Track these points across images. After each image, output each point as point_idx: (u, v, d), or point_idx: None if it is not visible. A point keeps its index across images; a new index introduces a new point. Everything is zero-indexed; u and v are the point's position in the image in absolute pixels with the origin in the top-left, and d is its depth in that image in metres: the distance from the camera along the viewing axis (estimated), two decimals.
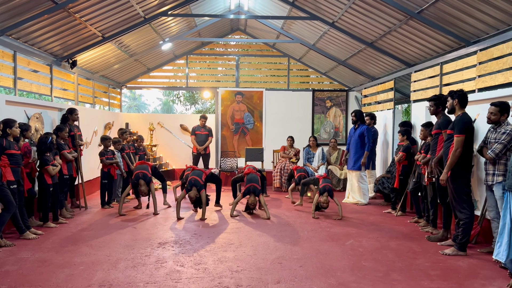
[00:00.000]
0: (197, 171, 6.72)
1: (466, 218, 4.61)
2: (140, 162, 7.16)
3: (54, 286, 3.63)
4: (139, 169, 6.72)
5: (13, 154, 4.92)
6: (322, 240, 5.23)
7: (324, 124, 11.05)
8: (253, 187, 6.42)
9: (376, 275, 4.01)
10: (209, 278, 3.88)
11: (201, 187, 6.34)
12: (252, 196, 6.43)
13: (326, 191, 6.45)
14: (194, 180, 6.34)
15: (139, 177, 6.56)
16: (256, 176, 6.67)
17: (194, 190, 6.29)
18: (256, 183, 6.49)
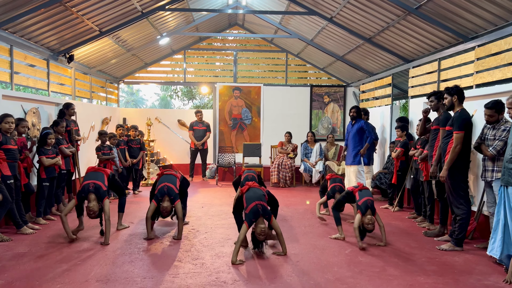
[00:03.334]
0: (169, 176, 5.25)
1: (463, 214, 4.63)
2: (92, 168, 5.23)
3: (51, 281, 3.63)
4: (91, 179, 4.87)
5: (10, 149, 4.90)
6: (319, 236, 5.25)
7: (321, 119, 11.04)
8: (261, 207, 4.32)
9: (373, 270, 4.03)
10: (207, 273, 3.88)
11: (176, 196, 4.99)
12: (260, 222, 4.29)
13: (369, 208, 4.74)
14: (167, 188, 4.99)
15: (88, 190, 4.77)
16: (260, 191, 4.61)
17: (167, 201, 4.96)
18: (262, 200, 4.43)
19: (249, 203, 4.36)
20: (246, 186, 4.71)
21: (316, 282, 3.66)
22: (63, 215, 4.75)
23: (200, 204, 7.21)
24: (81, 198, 4.79)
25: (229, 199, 7.72)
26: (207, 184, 9.68)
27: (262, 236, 4.26)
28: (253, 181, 5.72)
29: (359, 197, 4.91)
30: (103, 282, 3.65)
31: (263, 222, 4.29)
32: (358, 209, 4.82)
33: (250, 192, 4.56)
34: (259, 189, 4.65)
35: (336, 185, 5.91)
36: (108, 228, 4.73)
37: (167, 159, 11.06)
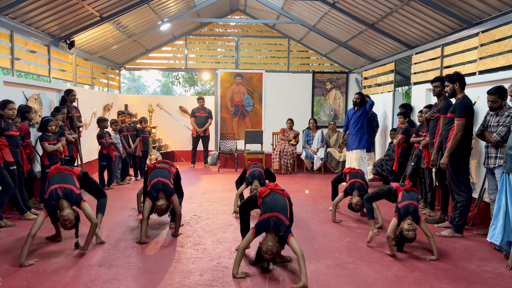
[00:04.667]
0: (161, 170, 4.65)
1: (463, 200, 4.65)
2: (56, 169, 4.14)
3: (54, 266, 3.67)
4: (56, 182, 3.96)
5: (12, 135, 4.91)
6: (320, 222, 5.28)
7: (323, 106, 11.01)
8: (275, 220, 3.48)
9: (373, 256, 4.06)
10: (208, 259, 3.93)
11: (172, 192, 4.49)
12: (269, 238, 3.47)
13: (409, 214, 3.97)
14: (161, 184, 4.44)
15: (58, 197, 3.88)
16: (282, 201, 3.64)
17: (163, 199, 4.44)
18: (281, 213, 3.52)
19: (265, 211, 3.51)
20: (267, 189, 3.72)
21: (317, 268, 3.70)
22: (32, 233, 3.69)
23: (202, 190, 7.25)
24: (51, 207, 3.86)
25: (231, 186, 7.75)
26: (208, 170, 9.71)
27: (269, 255, 3.45)
28: (260, 178, 5.54)
29: (401, 198, 4.10)
30: (105, 266, 3.69)
31: (273, 239, 3.44)
32: (396, 212, 4.07)
33: (271, 198, 3.62)
34: (283, 196, 3.68)
35: (356, 181, 5.21)
36: (92, 234, 3.98)
37: (169, 146, 11.08)
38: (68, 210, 3.86)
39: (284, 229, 3.44)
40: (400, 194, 4.17)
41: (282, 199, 3.65)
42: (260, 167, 5.70)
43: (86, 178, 4.31)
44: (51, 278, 3.41)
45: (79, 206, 3.96)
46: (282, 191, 3.76)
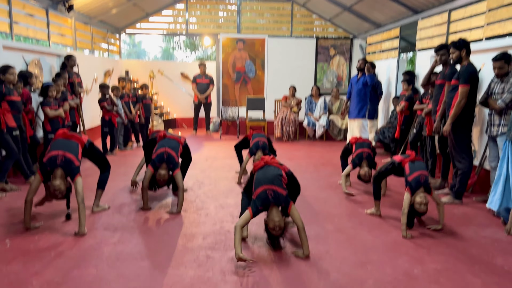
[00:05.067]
0: (171, 140, 4.48)
1: (464, 168, 4.67)
2: (64, 134, 3.98)
3: (60, 228, 3.76)
4: (60, 148, 3.76)
5: (13, 100, 4.90)
6: (321, 188, 5.34)
7: (327, 73, 10.88)
8: (272, 193, 3.25)
9: (372, 221, 4.13)
10: (211, 223, 4.00)
11: (176, 165, 4.33)
12: (274, 214, 3.23)
13: (421, 186, 3.79)
14: (167, 155, 4.29)
15: (55, 164, 3.67)
16: (274, 171, 3.43)
17: (164, 169, 4.29)
18: (275, 184, 3.28)
19: (257, 186, 3.29)
20: (262, 162, 3.54)
21: (317, 233, 3.77)
22: (28, 199, 3.63)
23: (204, 157, 7.29)
24: (47, 173, 3.66)
25: (233, 153, 7.77)
26: (210, 137, 9.74)
27: (277, 231, 3.21)
28: (264, 148, 5.40)
29: (409, 170, 3.89)
30: (110, 230, 3.78)
31: (277, 213, 3.20)
32: (407, 186, 3.84)
33: (261, 172, 3.43)
34: (276, 167, 3.47)
35: (363, 151, 5.02)
36: (83, 214, 3.64)
37: (171, 113, 11.06)
38: (60, 181, 3.61)
39: (284, 199, 3.24)
40: (407, 167, 3.96)
41: (275, 169, 3.42)
42: (264, 137, 5.54)
43: (93, 148, 4.17)
44: (58, 241, 3.50)
45: (74, 179, 3.71)
46: (280, 165, 3.52)
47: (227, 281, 2.85)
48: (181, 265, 3.09)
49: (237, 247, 3.09)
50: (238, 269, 3.02)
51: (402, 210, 3.76)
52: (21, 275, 2.88)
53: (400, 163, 4.06)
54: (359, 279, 2.92)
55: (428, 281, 2.90)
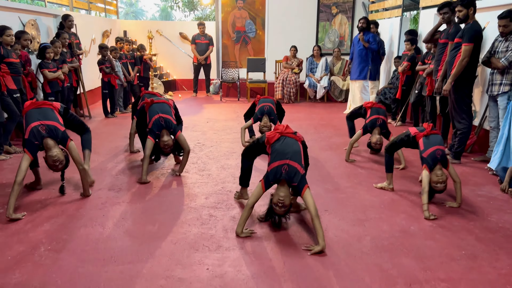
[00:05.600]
0: (161, 105, 4.26)
1: (464, 128, 4.70)
2: (33, 104, 3.55)
3: (66, 191, 3.84)
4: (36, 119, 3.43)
5: (12, 62, 4.86)
6: (321, 149, 5.39)
7: (328, 32, 10.66)
8: (287, 169, 2.92)
9: (371, 181, 4.21)
10: (213, 183, 4.08)
11: (175, 128, 4.19)
12: (282, 189, 2.93)
13: (438, 162, 3.50)
14: (163, 120, 4.10)
15: (41, 136, 3.37)
16: (295, 146, 3.11)
17: (167, 135, 4.12)
18: (294, 160, 2.96)
19: (274, 159, 2.96)
20: (276, 133, 3.14)
21: (316, 192, 3.85)
22: (18, 180, 3.25)
23: (205, 119, 7.31)
24: (34, 148, 3.37)
25: (233, 115, 7.81)
26: (211, 99, 9.71)
27: (279, 208, 2.91)
28: (270, 114, 5.13)
29: (424, 146, 3.59)
30: (115, 190, 3.86)
31: (285, 189, 2.90)
32: (423, 163, 3.54)
33: (281, 143, 3.07)
34: (295, 141, 3.14)
35: (378, 118, 4.70)
36: (85, 181, 3.62)
37: (170, 74, 10.96)
38: (57, 149, 3.40)
39: (299, 179, 2.87)
40: (421, 142, 3.63)
41: (294, 143, 3.09)
42: (270, 102, 5.25)
43: (68, 114, 3.77)
44: (64, 201, 3.59)
45: (66, 145, 3.47)
46: (294, 134, 3.20)
47: (229, 238, 2.96)
48: (184, 223, 3.19)
49: (239, 225, 2.97)
50: None
51: (422, 189, 3.45)
52: (31, 234, 2.98)
53: (414, 136, 3.72)
54: (357, 236, 3.02)
55: (424, 238, 3.00)
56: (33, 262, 2.60)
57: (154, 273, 2.49)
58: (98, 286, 2.35)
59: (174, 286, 2.37)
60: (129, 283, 2.38)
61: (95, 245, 2.83)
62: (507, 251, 2.82)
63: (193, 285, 2.38)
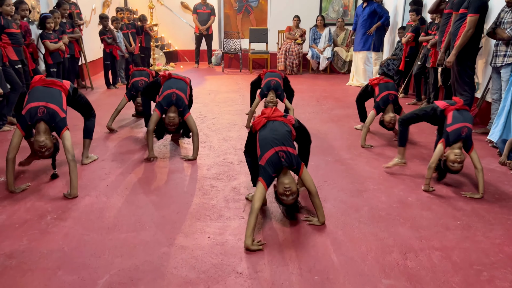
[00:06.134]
0: (178, 81, 4.02)
1: (466, 100, 4.68)
2: (42, 81, 3.32)
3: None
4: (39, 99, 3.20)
5: (13, 33, 4.83)
6: (322, 122, 5.41)
7: (332, 2, 10.45)
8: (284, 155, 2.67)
9: (371, 153, 4.25)
10: (215, 155, 4.14)
11: (185, 108, 3.92)
12: (285, 176, 2.69)
13: (460, 140, 3.27)
14: (176, 97, 3.85)
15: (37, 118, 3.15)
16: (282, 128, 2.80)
17: (174, 112, 3.88)
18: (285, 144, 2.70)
19: (265, 149, 2.68)
20: (263, 118, 2.85)
21: (316, 163, 3.90)
22: (10, 158, 3.15)
23: (207, 91, 7.30)
24: (28, 127, 3.19)
25: (235, 86, 7.79)
26: (213, 71, 9.65)
27: (288, 196, 2.65)
28: (277, 89, 4.85)
29: (452, 120, 3.29)
30: (118, 161, 3.92)
31: (288, 175, 2.69)
32: (443, 137, 3.32)
33: (267, 130, 2.78)
34: (283, 123, 2.83)
35: (389, 94, 4.38)
36: (74, 175, 3.15)
37: (172, 45, 10.85)
38: (45, 136, 3.13)
39: (296, 161, 2.70)
40: (450, 115, 3.31)
41: (281, 125, 2.80)
42: (277, 76, 4.93)
43: (77, 95, 3.60)
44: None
45: (60, 134, 3.20)
46: (284, 117, 2.88)
47: (230, 208, 3.03)
48: (186, 193, 3.26)
49: (248, 236, 2.51)
50: (240, 197, 3.19)
51: (429, 164, 3.26)
52: (37, 204, 3.06)
53: (444, 110, 3.39)
54: (355, 206, 3.09)
55: (420, 208, 3.07)
56: (40, 230, 2.68)
57: (157, 241, 2.57)
58: (103, 253, 2.44)
59: (176, 253, 2.45)
60: (133, 250, 2.47)
61: (99, 214, 2.91)
62: (501, 221, 2.88)
63: (195, 252, 2.46)
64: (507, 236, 2.70)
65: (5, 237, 2.58)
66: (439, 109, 3.43)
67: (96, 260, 2.36)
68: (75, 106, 3.68)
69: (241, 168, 3.75)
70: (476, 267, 2.36)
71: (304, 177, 2.74)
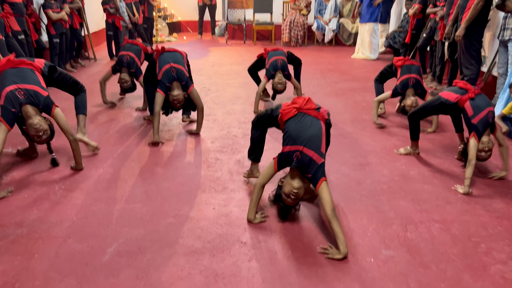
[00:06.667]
0: (174, 54, 3.78)
1: (471, 74, 4.65)
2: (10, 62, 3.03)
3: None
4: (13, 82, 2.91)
5: (14, 2, 4.78)
6: (326, 95, 5.40)
7: None
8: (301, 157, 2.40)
9: (375, 127, 4.25)
10: (219, 128, 4.16)
11: (188, 81, 3.71)
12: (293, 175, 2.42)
13: (488, 126, 3.04)
14: (175, 71, 3.62)
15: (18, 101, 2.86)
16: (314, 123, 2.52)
17: (178, 89, 3.65)
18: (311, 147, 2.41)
19: (288, 143, 2.42)
20: (293, 109, 2.53)
21: None
22: None
23: (210, 63, 7.25)
24: (11, 116, 2.83)
25: (239, 58, 7.72)
26: (216, 42, 9.54)
27: (292, 200, 2.41)
28: (284, 69, 4.54)
29: (472, 111, 3.04)
30: (123, 133, 3.96)
31: (299, 181, 2.38)
32: (472, 131, 3.04)
33: (297, 124, 2.48)
34: (316, 120, 2.51)
35: (411, 77, 4.09)
36: (77, 152, 3.11)
37: (175, 15, 10.68)
38: (38, 117, 2.88)
39: (313, 170, 2.35)
40: (468, 107, 3.06)
41: (315, 124, 2.47)
42: (281, 54, 4.64)
43: (55, 74, 3.25)
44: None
45: (50, 113, 2.96)
46: (317, 111, 2.55)
47: (234, 180, 3.08)
48: (192, 165, 3.31)
49: (251, 210, 2.53)
50: (244, 169, 3.23)
51: (468, 161, 2.99)
52: (45, 175, 3.12)
53: (456, 103, 3.14)
54: (357, 179, 3.13)
55: (422, 182, 3.11)
56: (49, 200, 2.75)
57: (163, 212, 2.64)
58: (111, 223, 2.51)
59: (182, 223, 2.52)
60: (140, 220, 2.54)
61: (106, 185, 2.98)
62: (502, 195, 2.92)
63: (200, 222, 2.53)
64: (507, 209, 2.75)
65: (15, 207, 2.65)
66: (450, 103, 3.17)
67: (104, 230, 2.44)
68: (59, 85, 3.34)
69: (245, 142, 3.78)
70: (474, 239, 2.41)
71: (321, 193, 2.32)
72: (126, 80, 4.51)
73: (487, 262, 2.21)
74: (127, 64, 4.49)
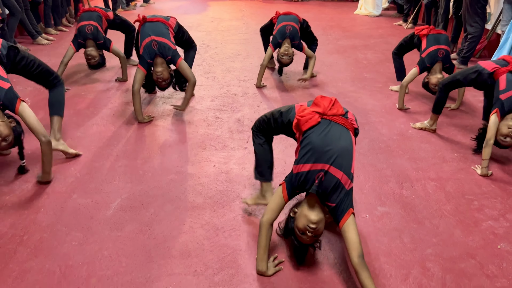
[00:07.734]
0: (155, 25, 3.30)
1: (475, 32, 4.57)
2: None
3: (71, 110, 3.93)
4: None
5: None
6: (328, 53, 5.33)
7: None
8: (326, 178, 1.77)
9: (376, 85, 4.25)
10: (218, 86, 4.14)
11: (174, 55, 3.22)
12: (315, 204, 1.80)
13: None
14: (156, 45, 3.18)
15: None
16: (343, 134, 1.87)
17: (161, 65, 3.21)
18: (339, 166, 1.77)
19: (306, 160, 1.81)
20: (315, 115, 1.90)
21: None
22: None
23: (210, 18, 7.08)
24: None
25: (239, 14, 7.53)
26: None
27: (308, 236, 1.79)
28: (294, 37, 3.91)
29: (506, 85, 2.74)
30: (123, 90, 3.96)
31: (318, 211, 1.79)
32: (496, 107, 2.73)
33: (317, 136, 1.85)
34: (344, 128, 1.90)
35: (439, 49, 3.50)
36: (46, 158, 2.42)
37: None
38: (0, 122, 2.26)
39: (339, 198, 1.77)
40: (503, 79, 2.77)
41: (344, 135, 1.88)
42: (294, 20, 3.98)
43: (18, 58, 2.59)
44: (76, 101, 3.70)
45: (14, 110, 2.35)
46: (344, 117, 1.94)
47: (234, 139, 3.11)
48: (192, 124, 3.33)
49: (260, 258, 1.88)
50: (244, 128, 3.26)
51: (486, 141, 2.72)
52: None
53: (492, 73, 2.85)
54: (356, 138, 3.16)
55: (420, 141, 3.14)
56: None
57: (165, 168, 2.69)
58: (114, 179, 2.57)
59: (184, 179, 2.58)
60: (143, 177, 2.60)
61: (108, 142, 3.01)
62: (497, 155, 2.97)
63: (201, 179, 2.59)
64: (501, 169, 2.80)
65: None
66: (486, 72, 2.87)
67: (108, 185, 2.50)
68: (25, 73, 2.68)
69: (245, 100, 3.79)
70: (468, 196, 2.48)
71: (346, 232, 1.75)
72: (93, 56, 3.90)
73: (479, 219, 2.29)
74: (92, 36, 3.84)
